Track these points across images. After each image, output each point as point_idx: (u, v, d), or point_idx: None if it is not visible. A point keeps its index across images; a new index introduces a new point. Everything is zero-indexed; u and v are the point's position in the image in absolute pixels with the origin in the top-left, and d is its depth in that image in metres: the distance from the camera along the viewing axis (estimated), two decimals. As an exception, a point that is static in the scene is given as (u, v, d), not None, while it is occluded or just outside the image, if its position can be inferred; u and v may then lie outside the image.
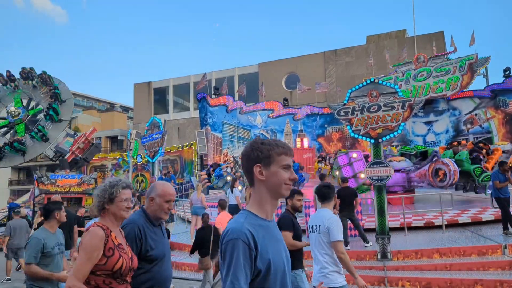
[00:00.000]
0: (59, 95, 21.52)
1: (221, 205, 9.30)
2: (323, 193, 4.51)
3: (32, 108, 22.15)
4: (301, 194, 5.18)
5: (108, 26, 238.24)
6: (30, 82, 21.97)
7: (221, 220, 8.66)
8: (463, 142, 17.59)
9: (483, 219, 10.72)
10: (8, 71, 22.66)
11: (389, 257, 8.85)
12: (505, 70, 22.68)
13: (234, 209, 11.87)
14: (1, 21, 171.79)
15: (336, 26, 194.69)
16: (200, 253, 7.99)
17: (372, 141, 9.33)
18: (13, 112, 21.49)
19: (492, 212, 10.97)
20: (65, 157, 20.70)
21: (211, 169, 21.57)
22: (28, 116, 21.62)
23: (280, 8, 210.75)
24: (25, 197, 24.62)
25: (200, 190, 12.46)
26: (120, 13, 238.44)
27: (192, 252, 8.28)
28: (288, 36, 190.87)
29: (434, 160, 13.42)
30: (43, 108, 21.42)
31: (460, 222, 10.66)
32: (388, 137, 9.28)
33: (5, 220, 21.11)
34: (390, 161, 13.75)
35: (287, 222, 4.93)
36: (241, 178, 15.94)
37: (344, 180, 10.55)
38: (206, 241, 7.91)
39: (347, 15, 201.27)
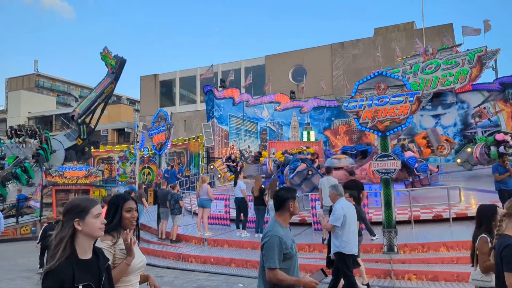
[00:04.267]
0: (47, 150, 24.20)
1: (106, 201, 9.85)
2: None
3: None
4: None
5: (114, 20, 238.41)
6: (32, 141, 24.80)
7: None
8: None
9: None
10: (18, 126, 26.32)
11: (395, 250, 8.83)
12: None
13: (240, 202, 11.85)
14: (9, 18, 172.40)
15: (344, 18, 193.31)
16: None
17: (380, 134, 9.27)
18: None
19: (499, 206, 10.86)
20: None
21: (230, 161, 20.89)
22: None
23: (287, 0, 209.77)
24: (33, 188, 24.80)
25: (206, 182, 12.44)
26: (126, 7, 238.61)
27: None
28: (295, 28, 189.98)
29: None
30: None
31: (468, 215, 10.57)
32: (395, 130, 9.21)
33: (14, 211, 21.32)
34: (335, 158, 14.42)
35: None
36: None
37: (352, 173, 10.52)
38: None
39: (354, 7, 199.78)
